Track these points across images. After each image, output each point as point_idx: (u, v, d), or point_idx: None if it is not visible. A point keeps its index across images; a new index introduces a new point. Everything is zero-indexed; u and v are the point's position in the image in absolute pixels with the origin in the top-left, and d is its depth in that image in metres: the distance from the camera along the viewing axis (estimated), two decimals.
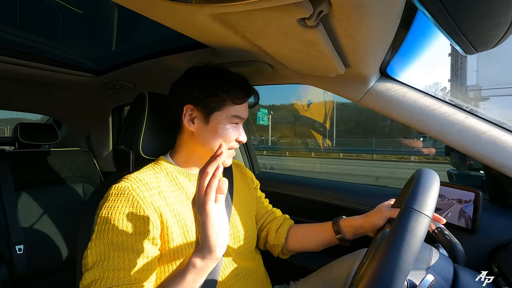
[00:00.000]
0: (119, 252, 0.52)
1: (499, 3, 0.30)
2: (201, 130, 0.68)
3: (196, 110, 0.68)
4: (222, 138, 0.67)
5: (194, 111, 0.68)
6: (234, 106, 0.67)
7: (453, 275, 0.51)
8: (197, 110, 0.67)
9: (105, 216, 0.56)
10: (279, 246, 0.84)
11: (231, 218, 0.73)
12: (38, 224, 1.31)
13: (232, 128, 0.68)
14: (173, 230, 0.60)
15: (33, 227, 1.29)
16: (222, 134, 0.67)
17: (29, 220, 1.29)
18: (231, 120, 0.67)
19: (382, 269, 0.37)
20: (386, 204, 0.71)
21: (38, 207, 1.33)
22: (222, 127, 0.67)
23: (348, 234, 0.75)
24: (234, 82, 0.68)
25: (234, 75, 0.70)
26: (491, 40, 0.35)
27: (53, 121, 1.85)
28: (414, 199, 0.43)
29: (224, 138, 0.67)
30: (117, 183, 0.61)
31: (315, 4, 0.39)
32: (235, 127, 0.69)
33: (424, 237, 0.40)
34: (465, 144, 0.70)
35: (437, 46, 0.83)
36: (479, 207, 0.70)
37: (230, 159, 0.71)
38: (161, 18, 0.52)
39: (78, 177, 1.52)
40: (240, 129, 0.71)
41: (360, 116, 22.03)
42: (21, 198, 1.28)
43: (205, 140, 0.68)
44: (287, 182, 1.22)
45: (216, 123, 0.67)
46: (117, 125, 1.72)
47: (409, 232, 0.39)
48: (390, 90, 0.78)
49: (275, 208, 0.92)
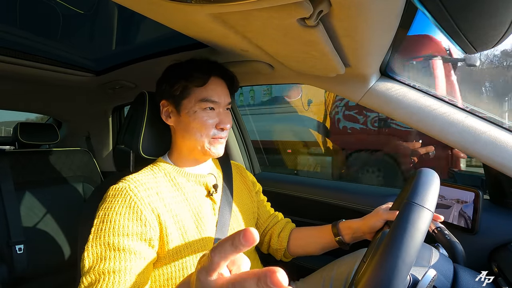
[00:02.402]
0: (115, 253, 0.52)
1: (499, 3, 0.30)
2: (177, 123, 0.68)
3: (168, 104, 0.69)
4: (197, 127, 0.65)
5: (168, 105, 0.69)
6: (199, 90, 0.66)
7: (453, 275, 0.51)
8: (169, 104, 0.69)
9: (102, 217, 0.55)
10: (281, 250, 0.84)
11: (231, 219, 0.73)
12: (38, 224, 1.31)
13: (206, 114, 0.66)
14: (171, 231, 0.59)
15: (33, 227, 1.29)
16: (196, 122, 0.65)
17: (29, 220, 1.28)
18: (202, 106, 0.65)
19: (386, 261, 0.38)
20: (384, 207, 0.71)
21: (38, 207, 1.33)
22: (193, 114, 0.65)
23: (347, 237, 0.75)
24: (193, 65, 0.68)
25: (198, 60, 0.69)
26: (490, 40, 0.35)
27: (53, 121, 1.85)
28: (416, 194, 0.43)
29: (200, 127, 0.65)
30: (115, 184, 0.60)
31: (315, 3, 0.39)
32: (210, 113, 0.66)
33: (427, 231, 0.40)
34: (465, 144, 0.70)
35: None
36: (479, 207, 0.70)
37: (219, 148, 0.68)
38: (161, 18, 0.52)
39: (78, 177, 1.52)
40: (220, 115, 0.68)
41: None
42: (21, 197, 1.28)
43: (184, 132, 0.67)
44: (287, 182, 1.22)
45: (186, 112, 0.66)
46: (117, 125, 1.72)
47: (412, 225, 0.40)
48: (390, 90, 0.78)
49: (277, 212, 0.92)
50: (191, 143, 0.68)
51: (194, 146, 0.67)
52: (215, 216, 0.70)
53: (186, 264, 0.60)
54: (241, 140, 1.38)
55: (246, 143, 1.39)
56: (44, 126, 1.55)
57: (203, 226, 0.65)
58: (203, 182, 0.72)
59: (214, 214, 0.70)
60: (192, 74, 0.66)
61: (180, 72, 0.67)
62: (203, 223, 0.66)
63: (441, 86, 2.29)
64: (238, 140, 1.37)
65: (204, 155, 0.70)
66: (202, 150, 0.67)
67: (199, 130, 0.66)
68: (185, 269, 0.60)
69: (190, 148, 0.69)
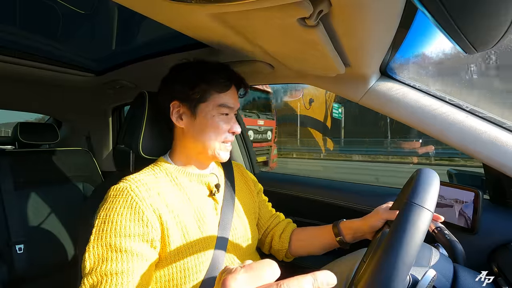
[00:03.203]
0: (117, 255, 0.51)
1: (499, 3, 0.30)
2: (190, 125, 0.67)
3: (182, 106, 0.67)
4: (213, 131, 0.66)
5: (181, 107, 0.68)
6: (219, 95, 0.66)
7: (453, 275, 0.51)
8: (183, 106, 0.67)
9: (103, 217, 0.55)
10: (283, 251, 0.84)
11: (233, 219, 0.73)
12: (38, 224, 1.30)
13: (222, 119, 0.67)
14: (172, 232, 0.59)
15: (33, 227, 1.29)
16: (212, 126, 0.66)
17: (29, 219, 1.28)
18: (219, 111, 0.66)
19: (386, 261, 0.38)
20: (384, 207, 0.71)
21: (38, 207, 1.33)
22: (210, 119, 0.66)
23: (348, 236, 0.75)
24: (215, 70, 0.68)
25: (215, 64, 0.69)
26: (491, 40, 0.35)
27: (53, 121, 1.85)
28: (415, 194, 0.43)
29: (215, 131, 0.66)
30: (116, 184, 0.60)
31: (315, 3, 0.39)
32: (225, 118, 0.67)
33: (426, 231, 0.40)
34: (465, 144, 0.70)
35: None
36: (479, 207, 0.70)
37: (227, 153, 0.70)
38: (161, 18, 0.52)
39: (78, 177, 1.52)
40: (233, 120, 0.69)
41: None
42: (21, 197, 1.28)
43: (196, 135, 0.67)
44: (287, 182, 1.22)
45: (203, 115, 0.66)
46: (117, 125, 1.72)
47: (412, 225, 0.40)
48: (390, 89, 0.78)
49: (279, 212, 0.92)
50: (202, 146, 0.67)
51: (205, 149, 0.67)
52: (217, 216, 0.70)
53: (187, 265, 0.60)
54: (241, 140, 1.38)
55: (246, 143, 1.39)
56: (44, 126, 1.55)
57: (205, 227, 0.65)
58: (205, 182, 0.72)
59: (216, 214, 0.70)
60: (215, 79, 0.66)
61: (199, 75, 0.67)
62: (205, 223, 0.65)
63: None
64: (238, 140, 1.37)
65: (212, 159, 0.70)
66: (212, 154, 0.68)
67: (214, 134, 0.66)
68: (187, 270, 0.60)
69: (199, 151, 0.69)
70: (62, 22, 0.89)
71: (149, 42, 0.97)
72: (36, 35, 0.94)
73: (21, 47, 0.96)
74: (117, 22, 0.92)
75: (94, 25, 0.97)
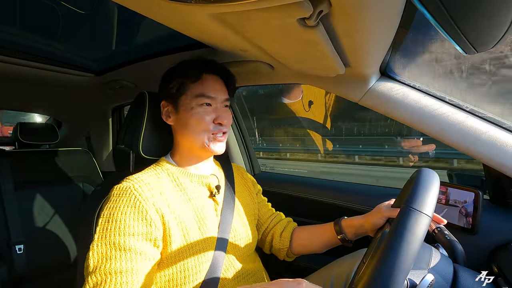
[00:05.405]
0: (121, 253, 0.52)
1: (499, 3, 0.30)
2: (177, 121, 0.69)
3: (168, 104, 0.70)
4: (196, 123, 0.66)
5: (167, 105, 0.70)
6: (195, 86, 0.67)
7: (453, 275, 0.51)
8: (168, 103, 0.70)
9: (107, 216, 0.55)
10: (284, 250, 0.84)
11: (233, 220, 0.73)
12: (38, 224, 1.31)
13: (204, 109, 0.67)
14: (174, 232, 0.59)
15: (33, 227, 1.29)
16: (193, 118, 0.66)
17: (29, 220, 1.28)
18: (198, 101, 0.66)
19: (382, 268, 0.37)
20: (385, 204, 0.71)
21: (38, 207, 1.33)
22: (190, 110, 0.66)
23: (350, 234, 0.75)
24: (187, 62, 0.70)
25: (190, 59, 0.72)
26: (491, 40, 0.35)
27: (53, 121, 1.85)
28: (414, 198, 0.43)
29: (198, 122, 0.66)
30: (119, 183, 0.60)
31: (315, 4, 0.39)
32: (207, 109, 0.67)
33: (424, 236, 0.40)
34: (465, 144, 0.70)
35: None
36: (479, 207, 0.70)
37: (219, 144, 0.69)
38: (161, 18, 0.52)
39: (78, 177, 1.52)
40: (217, 110, 0.68)
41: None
42: (21, 197, 1.28)
43: (183, 130, 0.68)
44: (287, 182, 1.22)
45: (183, 109, 0.67)
46: (117, 125, 1.72)
47: (409, 231, 0.39)
48: (390, 90, 0.78)
49: (279, 212, 0.92)
50: (190, 140, 0.68)
51: (193, 142, 0.68)
52: (217, 217, 0.70)
53: (187, 266, 0.60)
54: (241, 140, 1.38)
55: (246, 143, 1.39)
56: (44, 126, 1.55)
57: (205, 227, 0.65)
58: (206, 183, 0.72)
59: (217, 215, 0.70)
60: (186, 71, 0.68)
61: (175, 69, 0.71)
62: (205, 224, 0.66)
63: None
64: (238, 141, 1.37)
65: (204, 151, 0.70)
66: (202, 147, 0.68)
67: (197, 125, 0.66)
68: (186, 271, 0.60)
69: (190, 145, 0.69)
70: (62, 22, 0.89)
71: (149, 42, 0.97)
72: (36, 35, 0.95)
73: (21, 47, 0.96)
74: (117, 22, 0.92)
75: (94, 25, 0.96)
